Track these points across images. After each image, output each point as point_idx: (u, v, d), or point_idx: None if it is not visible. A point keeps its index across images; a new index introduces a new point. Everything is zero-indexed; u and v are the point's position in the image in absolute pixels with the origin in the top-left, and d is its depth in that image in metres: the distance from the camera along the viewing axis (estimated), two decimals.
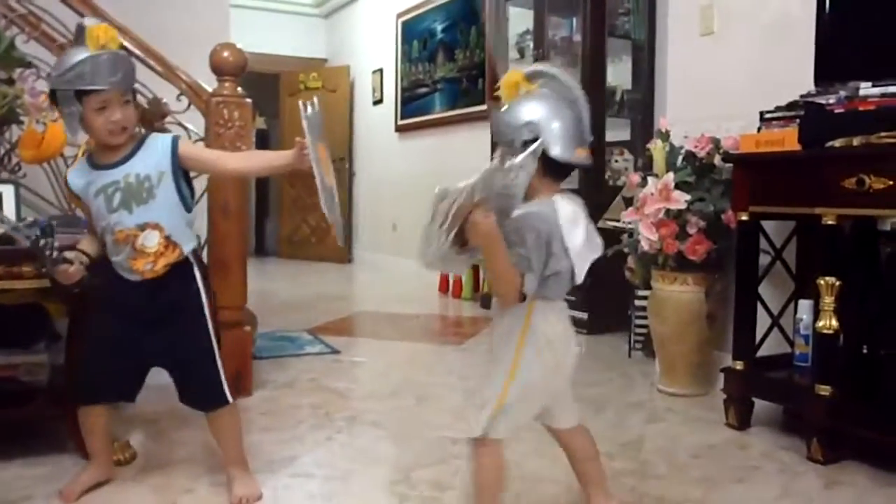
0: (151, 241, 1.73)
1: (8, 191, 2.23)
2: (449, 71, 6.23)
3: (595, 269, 1.52)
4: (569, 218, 1.42)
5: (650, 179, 2.83)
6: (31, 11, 2.75)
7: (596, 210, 3.77)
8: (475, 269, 5.19)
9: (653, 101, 4.06)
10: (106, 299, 1.82)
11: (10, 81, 2.37)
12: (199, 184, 2.76)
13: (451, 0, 6.17)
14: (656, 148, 2.91)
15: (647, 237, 2.77)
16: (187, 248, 1.79)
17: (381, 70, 7.35)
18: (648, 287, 2.99)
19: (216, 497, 1.86)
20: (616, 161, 4.26)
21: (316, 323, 4.17)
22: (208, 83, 2.80)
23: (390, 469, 2.07)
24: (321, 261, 7.72)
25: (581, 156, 1.44)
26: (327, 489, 1.93)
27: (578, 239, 1.43)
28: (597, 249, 1.49)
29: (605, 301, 3.84)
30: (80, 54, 1.68)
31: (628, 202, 3.12)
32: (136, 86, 3.07)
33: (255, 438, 2.29)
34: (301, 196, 8.05)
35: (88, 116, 1.70)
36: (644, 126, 4.10)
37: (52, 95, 1.74)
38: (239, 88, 2.73)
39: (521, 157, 1.36)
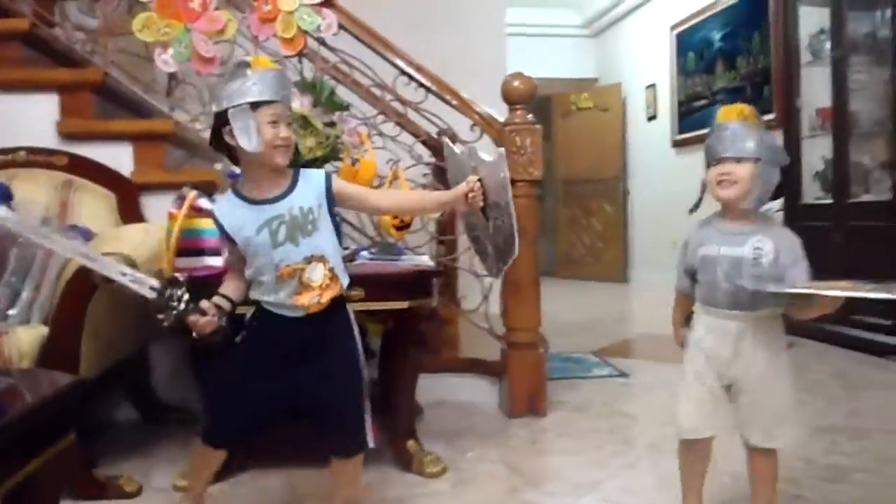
0: (318, 273, 1.66)
1: None
2: (730, 80, 5.92)
3: None
4: None
5: None
6: (344, 60, 3.05)
7: None
8: None
9: None
10: (253, 340, 1.73)
11: (332, 124, 2.65)
12: None
13: (730, 5, 5.87)
14: None
15: None
16: (345, 281, 1.72)
17: (654, 85, 7.18)
18: None
19: None
20: None
21: (599, 344, 4.14)
22: (491, 110, 2.93)
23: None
24: (597, 280, 7.68)
25: None
26: None
27: None
28: None
29: None
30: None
31: None
32: (431, 118, 3.35)
33: (556, 460, 2.32)
34: (576, 215, 8.11)
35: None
36: None
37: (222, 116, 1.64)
38: (529, 116, 2.81)
39: None
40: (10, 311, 2.06)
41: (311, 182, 1.70)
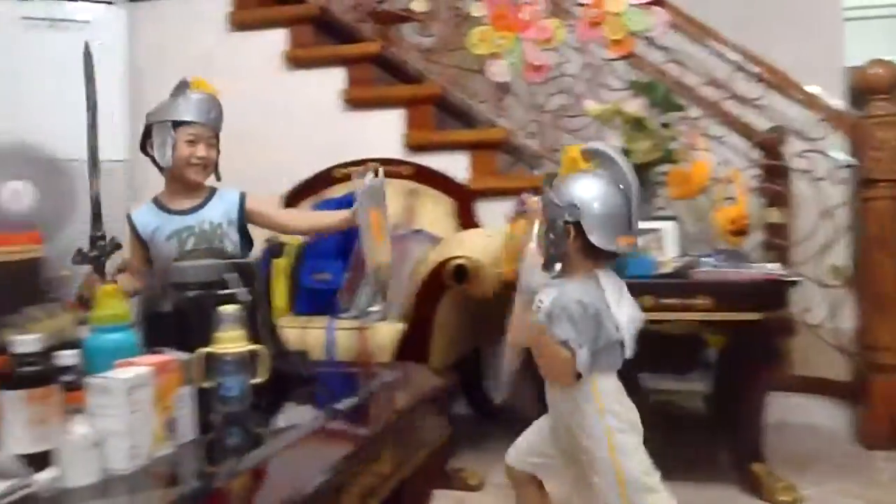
0: None
1: (668, 227, 2.36)
2: None
3: None
4: (614, 291, 1.40)
5: None
6: (672, 59, 2.93)
7: None
8: None
9: None
10: None
11: (667, 125, 2.55)
12: None
13: None
14: None
15: None
16: None
17: None
18: None
19: None
20: None
21: None
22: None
23: None
24: None
25: (623, 245, 1.39)
26: None
27: (624, 313, 1.39)
28: (639, 321, 1.42)
29: None
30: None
31: None
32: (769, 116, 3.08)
33: None
34: None
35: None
36: None
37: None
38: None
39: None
40: (371, 309, 2.25)
41: (224, 199, 1.88)
